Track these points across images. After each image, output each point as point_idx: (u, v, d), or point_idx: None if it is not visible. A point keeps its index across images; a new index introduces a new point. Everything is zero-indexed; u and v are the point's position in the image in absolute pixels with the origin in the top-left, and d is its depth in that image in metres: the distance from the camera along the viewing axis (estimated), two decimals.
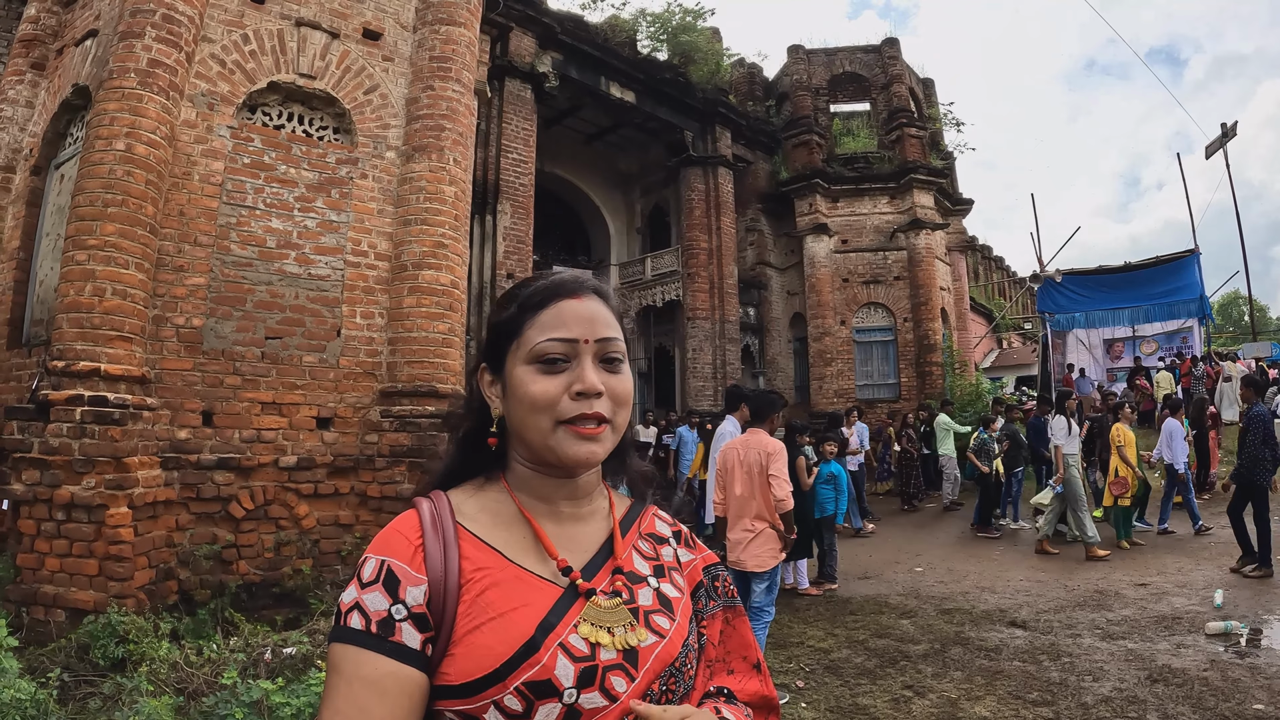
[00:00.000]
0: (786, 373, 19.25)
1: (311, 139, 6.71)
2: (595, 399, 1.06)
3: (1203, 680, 5.23)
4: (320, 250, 6.52)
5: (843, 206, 18.58)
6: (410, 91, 7.11)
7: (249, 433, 6.08)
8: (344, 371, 6.55)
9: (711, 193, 17.51)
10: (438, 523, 1.06)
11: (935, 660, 5.82)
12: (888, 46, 19.77)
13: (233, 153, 6.26)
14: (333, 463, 6.39)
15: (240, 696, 3.48)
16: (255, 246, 6.26)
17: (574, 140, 17.89)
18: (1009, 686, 5.18)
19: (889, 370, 18.24)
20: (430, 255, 6.83)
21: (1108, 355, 23.64)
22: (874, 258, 18.45)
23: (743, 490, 5.42)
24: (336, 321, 6.55)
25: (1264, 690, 5.02)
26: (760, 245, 19.72)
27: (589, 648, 1.01)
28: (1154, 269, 22.73)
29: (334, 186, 6.65)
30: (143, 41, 5.76)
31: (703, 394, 16.61)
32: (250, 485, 6.05)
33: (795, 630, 6.68)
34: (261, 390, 6.17)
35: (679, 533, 1.26)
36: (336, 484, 6.40)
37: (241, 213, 6.24)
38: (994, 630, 6.60)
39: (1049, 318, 22.57)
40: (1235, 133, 24.46)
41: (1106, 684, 5.24)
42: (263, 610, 5.63)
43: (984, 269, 33.20)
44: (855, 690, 5.17)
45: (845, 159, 18.84)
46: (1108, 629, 6.55)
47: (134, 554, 5.23)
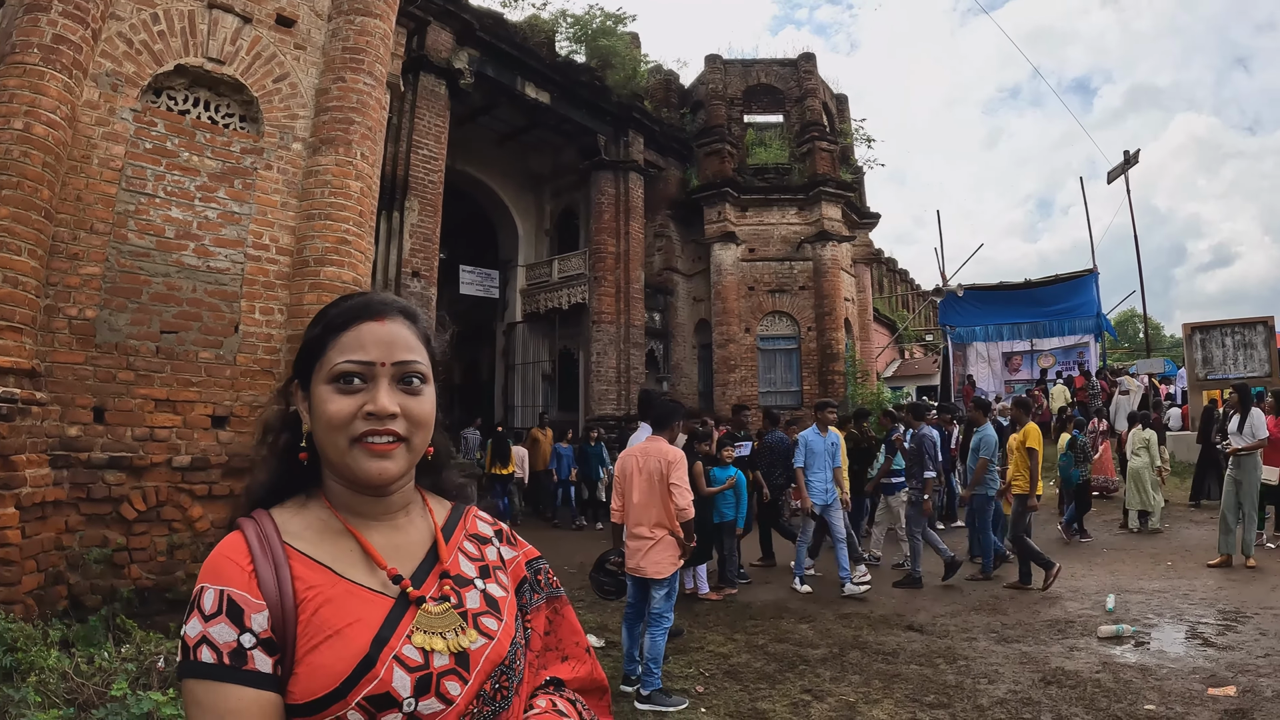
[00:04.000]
0: (691, 378, 19.72)
1: (216, 126, 6.57)
2: (388, 420, 1.11)
3: (1095, 682, 5.47)
4: (220, 242, 6.40)
5: (751, 216, 19.26)
6: (321, 82, 7.02)
7: (142, 431, 5.93)
8: (241, 369, 6.42)
9: (622, 197, 17.87)
10: (265, 544, 1.08)
11: (834, 664, 5.97)
12: (804, 61, 20.54)
13: (135, 137, 6.08)
14: (228, 463, 6.25)
15: (131, 708, 3.42)
16: (154, 236, 6.10)
17: (487, 139, 18.04)
18: (906, 689, 5.36)
19: (792, 378, 18.96)
20: (333, 251, 6.73)
21: (1006, 368, 25.02)
22: (780, 267, 19.16)
23: (641, 498, 5.47)
24: (235, 317, 6.44)
25: (1155, 691, 5.28)
26: (668, 251, 20.19)
27: (422, 656, 1.07)
28: (1054, 287, 24.23)
29: (237, 177, 6.53)
30: (48, 15, 5.56)
31: (606, 398, 16.92)
32: (143, 486, 5.90)
33: (695, 635, 6.78)
34: (156, 387, 6.02)
35: (500, 531, 1.32)
36: (231, 485, 6.24)
37: (141, 200, 6.07)
38: (891, 634, 6.81)
39: (950, 330, 23.76)
40: (1137, 160, 26.14)
41: (1001, 686, 5.42)
42: (156, 616, 5.42)
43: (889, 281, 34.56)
44: (755, 695, 5.29)
45: (756, 169, 19.54)
46: (1002, 633, 6.81)
47: (21, 557, 5.05)
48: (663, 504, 5.41)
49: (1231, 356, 17.18)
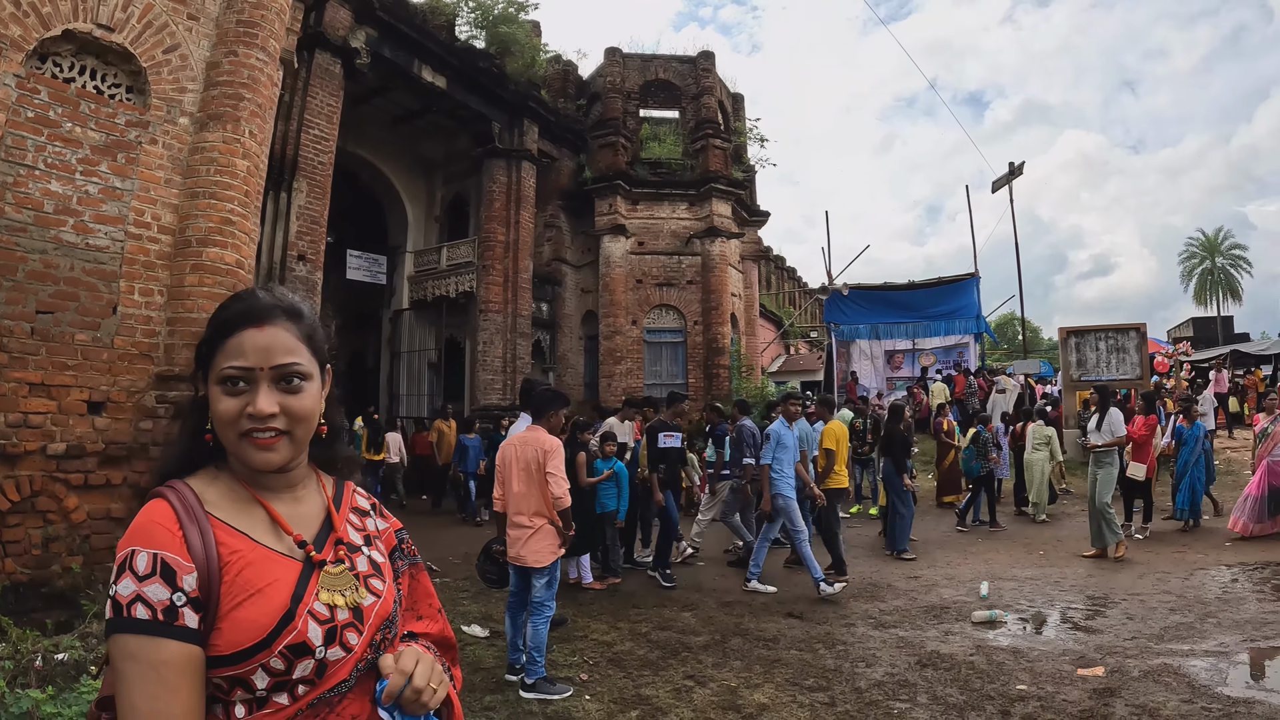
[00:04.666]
0: (577, 369, 20.15)
1: (102, 97, 6.29)
2: (268, 419, 1.26)
3: (969, 664, 5.77)
4: (101, 219, 6.17)
5: (642, 209, 19.79)
6: (212, 55, 6.81)
7: (15, 417, 5.70)
8: (119, 352, 6.20)
9: (514, 186, 18.10)
10: (190, 512, 1.23)
11: (716, 651, 6.16)
12: (703, 59, 21.12)
13: (16, 104, 5.80)
14: (104, 451, 6.05)
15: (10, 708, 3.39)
16: (31, 210, 5.85)
17: (380, 121, 17.99)
18: (787, 674, 5.59)
19: (678, 371, 19.64)
20: (217, 232, 6.58)
21: (888, 365, 26.21)
22: (669, 261, 19.80)
23: (520, 487, 5.56)
24: (113, 298, 6.21)
25: (1026, 672, 5.60)
26: (558, 242, 20.54)
27: (329, 611, 1.26)
28: (936, 289, 25.61)
29: (121, 150, 6.29)
30: None
31: (492, 388, 17.18)
32: (16, 475, 5.66)
33: (579, 624, 6.91)
34: (30, 370, 5.78)
35: (375, 505, 1.52)
36: (108, 474, 6.07)
37: (20, 172, 5.82)
38: (772, 621, 7.09)
39: (835, 328, 24.82)
40: (1021, 172, 27.79)
41: (879, 669, 5.69)
42: (32, 613, 5.31)
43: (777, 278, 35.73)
44: (638, 681, 5.44)
45: (649, 163, 20.07)
46: (880, 618, 7.13)
47: None
48: (541, 493, 5.53)
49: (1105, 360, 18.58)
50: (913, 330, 25.31)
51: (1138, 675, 5.47)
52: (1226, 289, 60.46)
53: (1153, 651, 6.09)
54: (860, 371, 24.68)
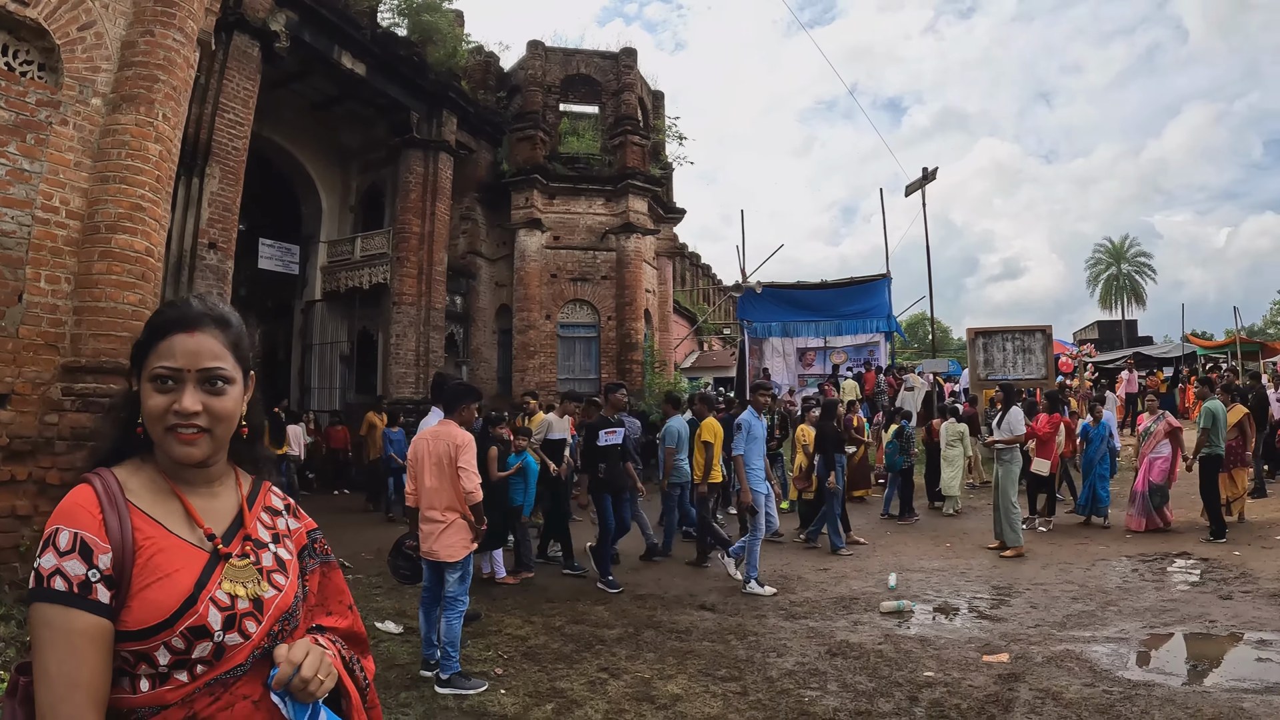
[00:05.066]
0: (490, 363, 20.42)
1: (13, 74, 6.12)
2: (191, 417, 1.40)
3: (878, 653, 6.02)
4: (8, 202, 5.99)
5: (559, 204, 20.16)
6: (128, 34, 6.67)
7: None
8: (24, 342, 6.04)
9: (430, 177, 18.17)
10: (112, 499, 1.36)
11: (629, 643, 6.32)
12: (625, 56, 21.47)
13: None
14: (9, 446, 5.88)
15: None
16: None
17: (297, 107, 17.88)
18: (699, 665, 5.77)
19: (591, 366, 20.12)
20: (126, 218, 6.46)
21: (800, 363, 27.05)
22: (584, 256, 20.24)
23: (432, 481, 5.63)
24: (19, 285, 6.04)
25: (933, 659, 5.86)
26: (473, 235, 20.71)
27: (230, 600, 1.39)
28: (848, 288, 26.35)
29: (30, 131, 6.12)
30: None
31: (405, 381, 17.29)
32: None
33: (493, 619, 7.03)
34: None
35: (289, 505, 1.66)
36: (13, 470, 5.91)
37: None
38: (684, 614, 7.30)
39: (747, 325, 25.34)
40: (935, 177, 28.85)
41: (790, 659, 5.89)
42: None
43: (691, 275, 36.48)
44: (553, 675, 5.57)
45: (567, 158, 20.39)
46: (790, 610, 7.39)
47: None
48: (453, 487, 5.60)
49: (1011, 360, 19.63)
50: (824, 328, 25.99)
51: (1041, 661, 5.81)
52: (1131, 294, 64.49)
53: (1056, 638, 6.44)
54: (772, 368, 25.40)
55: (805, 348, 27.21)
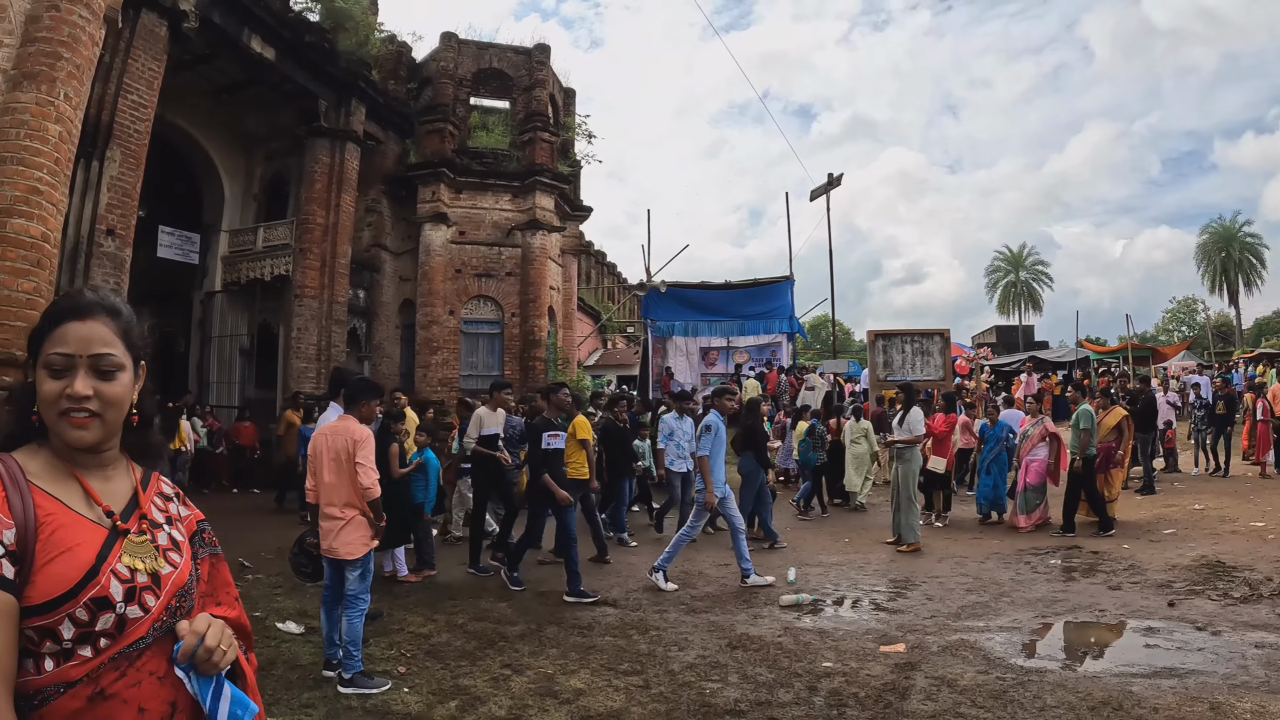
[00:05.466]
0: (393, 359, 20.70)
1: None
2: (83, 401, 1.49)
3: (778, 645, 6.27)
4: None
5: (465, 199, 20.64)
6: (33, 8, 6.55)
7: None
8: None
9: (336, 167, 18.23)
10: (14, 479, 1.44)
11: (532, 640, 6.48)
12: (539, 51, 22.04)
13: None
14: None
15: None
16: None
17: (203, 91, 17.71)
18: (602, 659, 5.93)
19: (494, 362, 20.70)
20: (23, 202, 6.31)
21: (703, 362, 27.98)
22: (489, 252, 20.81)
23: (331, 477, 5.65)
24: None
25: (832, 650, 6.13)
26: (378, 227, 20.90)
27: (130, 573, 1.48)
28: (752, 289, 27.67)
29: None
30: None
31: (305, 376, 17.28)
32: None
33: (396, 617, 7.11)
34: None
35: (178, 494, 1.76)
36: None
37: None
38: (587, 610, 7.47)
39: (651, 324, 26.42)
40: (839, 183, 30.36)
41: (691, 652, 6.11)
42: None
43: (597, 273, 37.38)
44: (456, 672, 5.66)
45: (476, 153, 20.94)
46: (692, 604, 7.66)
47: None
48: (351, 483, 5.63)
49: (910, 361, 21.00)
50: (728, 328, 27.22)
51: (937, 650, 6.11)
52: (1029, 300, 68.80)
53: (951, 628, 6.77)
54: (675, 367, 26.31)
55: (708, 347, 28.12)
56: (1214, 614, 7.16)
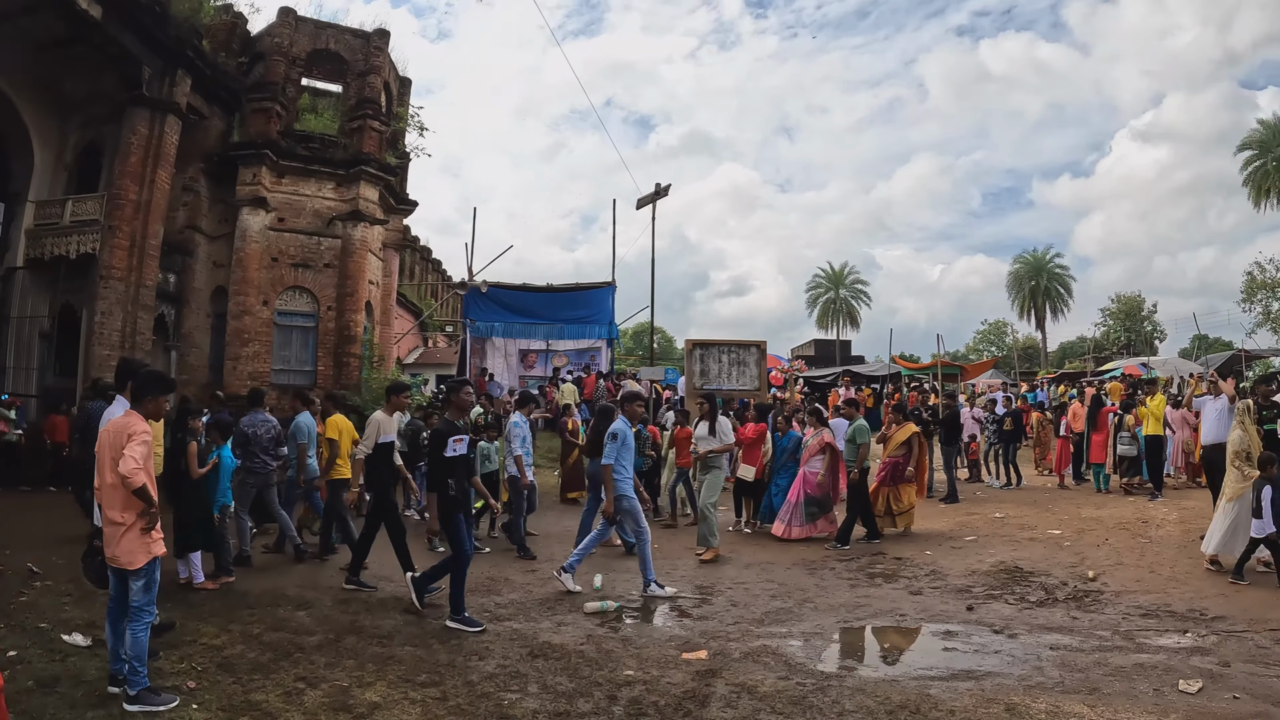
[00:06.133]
0: (202, 349, 20.55)
1: None
2: None
3: (579, 653, 6.45)
4: None
5: (287, 184, 20.83)
6: None
7: None
8: None
9: (155, 140, 18.00)
10: None
11: (329, 650, 6.50)
12: (378, 36, 22.47)
13: None
14: None
15: None
16: None
17: (20, 46, 17.25)
18: (399, 671, 6.01)
19: (308, 357, 20.99)
20: None
21: (522, 364, 29.31)
22: (308, 241, 21.05)
23: (111, 478, 5.43)
24: None
25: (634, 658, 6.34)
26: (194, 208, 20.73)
27: None
28: (573, 293, 29.06)
29: None
30: None
31: (109, 364, 16.31)
32: None
33: (189, 627, 6.98)
34: None
35: None
36: None
37: None
38: (388, 618, 7.62)
39: (471, 323, 27.18)
40: (666, 193, 31.96)
41: (492, 662, 6.25)
42: None
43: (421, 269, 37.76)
44: (248, 687, 5.62)
45: (302, 136, 21.10)
46: (495, 611, 7.84)
47: None
48: None
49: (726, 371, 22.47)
50: (548, 331, 28.53)
51: (739, 657, 6.41)
52: (847, 316, 74.38)
53: (754, 634, 7.11)
54: (494, 368, 27.26)
55: (528, 349, 29.52)
56: (1011, 617, 7.78)
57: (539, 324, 28.33)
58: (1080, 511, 14.19)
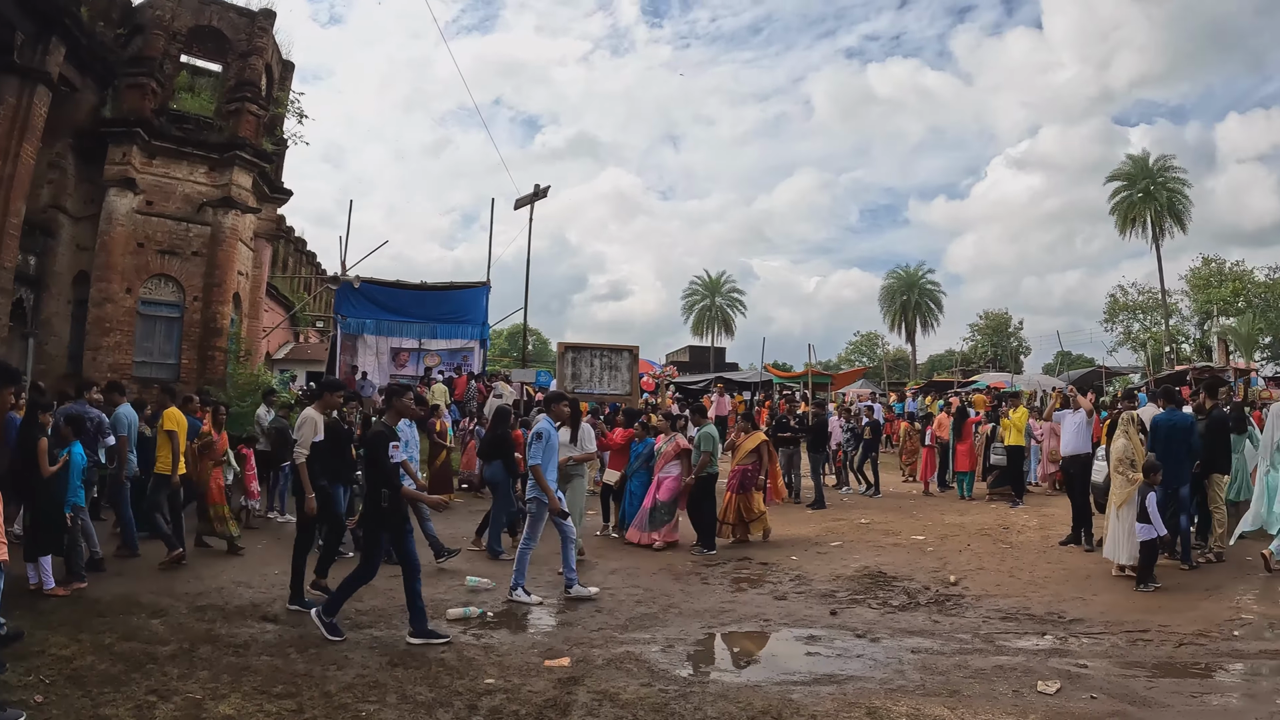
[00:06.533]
0: (61, 337, 19.87)
1: None
2: None
3: (440, 662, 6.55)
4: None
5: (159, 165, 20.42)
6: None
7: None
8: None
9: (23, 111, 17.23)
10: None
11: (183, 661, 6.45)
12: (263, 16, 22.25)
13: None
14: None
15: None
16: None
17: None
18: (255, 682, 6.00)
19: (171, 349, 20.61)
20: None
21: (393, 363, 29.31)
22: (177, 227, 20.70)
23: None
24: None
25: (495, 666, 6.47)
26: (60, 186, 20.02)
27: None
28: (448, 292, 29.35)
29: None
30: None
31: None
32: None
33: (38, 637, 6.84)
34: None
35: None
36: None
37: None
38: (245, 626, 7.59)
39: (342, 319, 27.25)
40: (545, 194, 32.56)
41: (350, 671, 6.29)
42: None
43: (295, 261, 37.21)
44: (98, 700, 5.54)
45: (178, 116, 20.84)
46: (356, 619, 7.84)
47: None
48: None
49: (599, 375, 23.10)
50: (420, 330, 28.81)
51: (602, 663, 6.59)
52: (722, 324, 76.84)
53: (617, 641, 7.31)
54: (365, 367, 27.23)
55: (400, 348, 29.59)
56: (874, 621, 8.21)
57: (412, 322, 28.56)
58: (944, 518, 15.26)
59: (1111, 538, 10.15)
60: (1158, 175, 60.21)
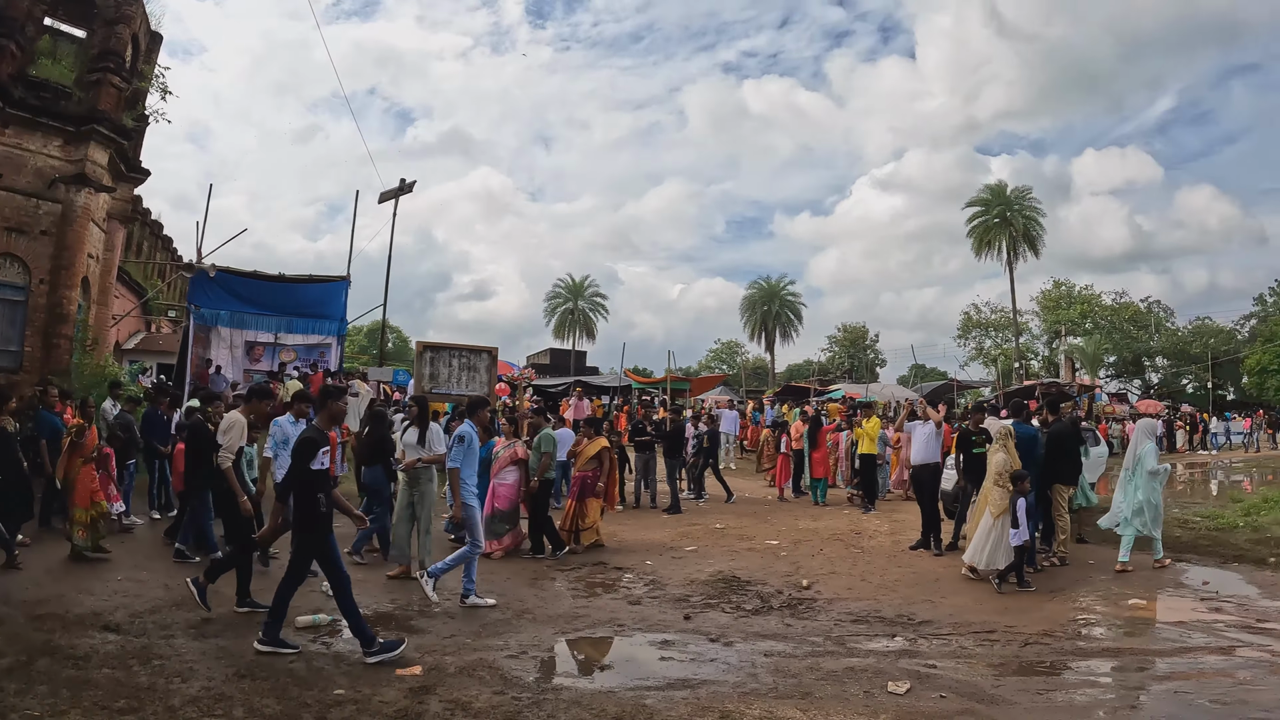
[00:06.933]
0: None
1: None
2: None
3: (289, 672, 6.49)
4: None
5: (11, 135, 19.27)
6: None
7: None
8: None
9: None
10: None
11: (20, 675, 6.20)
12: None
13: None
14: None
15: None
16: None
17: None
18: (95, 696, 5.82)
19: (14, 335, 19.55)
20: None
21: (248, 357, 28.45)
22: (26, 203, 19.54)
23: None
24: None
25: (345, 676, 6.45)
26: None
27: None
28: (306, 285, 28.82)
29: None
30: None
31: None
32: None
33: None
34: None
35: None
36: None
37: None
38: (86, 636, 7.33)
39: (195, 310, 26.27)
40: (410, 189, 32.52)
41: (196, 683, 6.15)
42: None
43: (150, 245, 35.88)
44: None
45: (36, 83, 19.76)
46: (203, 629, 7.70)
47: None
48: None
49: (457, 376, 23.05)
50: (277, 324, 28.23)
51: (454, 672, 6.62)
52: (584, 328, 78.01)
53: (470, 648, 7.33)
54: (219, 360, 26.74)
55: (255, 341, 28.71)
56: (728, 626, 8.39)
57: (268, 315, 27.90)
58: (798, 523, 15.85)
59: (981, 545, 10.51)
60: (1014, 203, 66.04)
